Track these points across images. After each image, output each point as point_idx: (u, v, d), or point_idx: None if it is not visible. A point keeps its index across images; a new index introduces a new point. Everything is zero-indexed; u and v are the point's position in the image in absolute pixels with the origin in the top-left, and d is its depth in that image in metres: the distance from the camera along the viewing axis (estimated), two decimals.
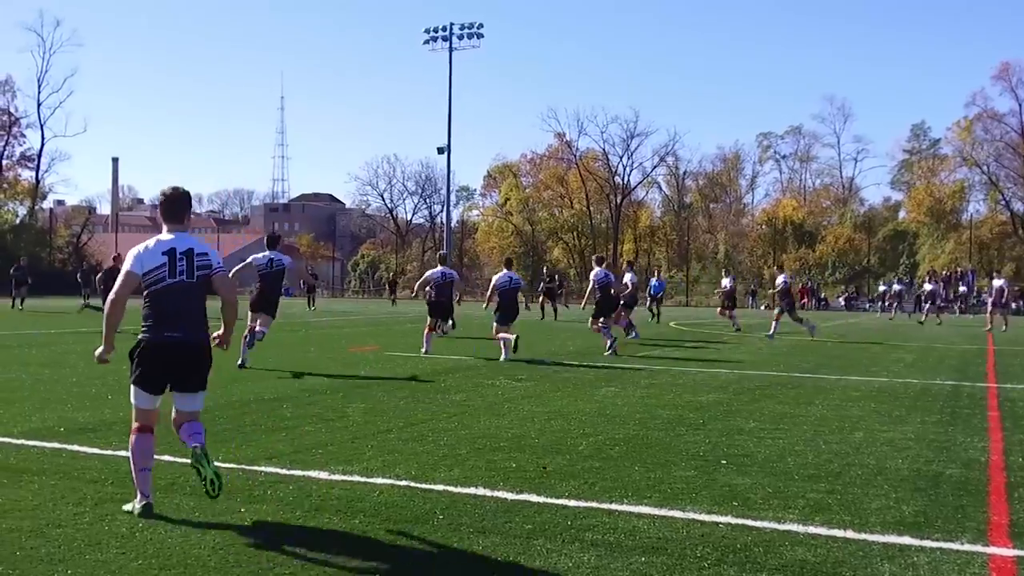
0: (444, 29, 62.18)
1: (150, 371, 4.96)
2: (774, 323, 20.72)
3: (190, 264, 5.01)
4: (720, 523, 4.66)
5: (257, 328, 12.04)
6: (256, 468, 5.85)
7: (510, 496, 5.17)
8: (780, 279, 21.68)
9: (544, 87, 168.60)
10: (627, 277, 20.54)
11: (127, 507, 4.87)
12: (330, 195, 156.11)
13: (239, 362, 11.54)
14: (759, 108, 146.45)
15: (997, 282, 26.49)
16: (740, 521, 4.69)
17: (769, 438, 7.18)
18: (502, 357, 13.67)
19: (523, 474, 5.76)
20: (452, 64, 62.39)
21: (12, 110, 65.03)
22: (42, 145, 64.77)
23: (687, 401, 9.38)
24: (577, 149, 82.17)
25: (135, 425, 5.04)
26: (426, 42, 63.14)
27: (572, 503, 5.02)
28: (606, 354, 14.86)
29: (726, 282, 26.15)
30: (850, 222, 76.52)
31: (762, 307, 52.03)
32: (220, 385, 9.94)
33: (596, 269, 16.70)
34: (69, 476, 5.58)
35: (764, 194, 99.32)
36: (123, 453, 6.08)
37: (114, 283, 5.12)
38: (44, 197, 66.29)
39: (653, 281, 30.62)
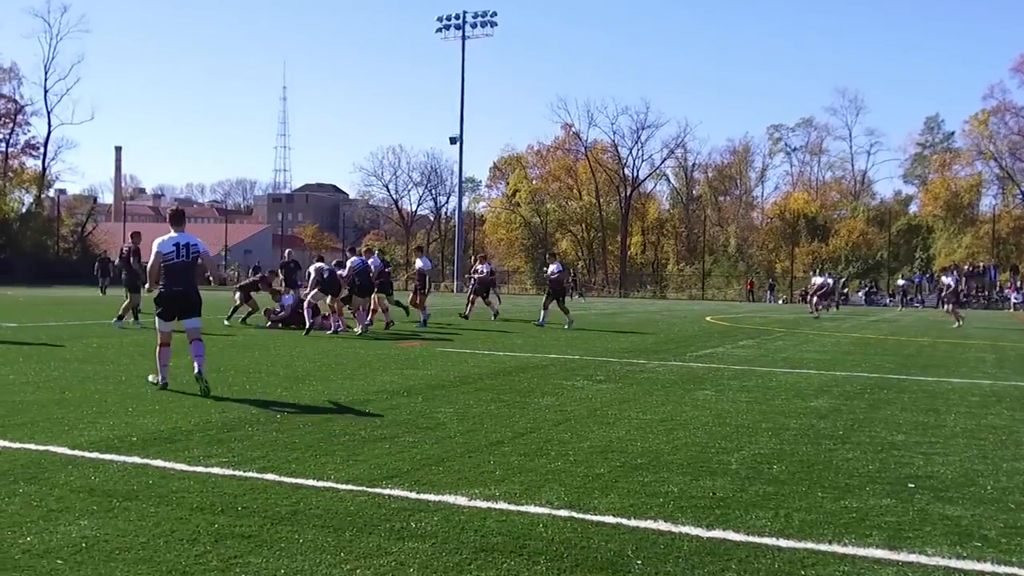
0: (457, 17, 61.23)
1: (167, 308, 8.87)
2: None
3: (188, 251, 8.86)
4: (998, 573, 3.85)
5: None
6: (380, 491, 5.03)
7: (700, 532, 4.36)
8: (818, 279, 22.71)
9: (554, 78, 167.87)
10: (552, 267, 21.14)
11: (151, 378, 9.12)
12: (333, 185, 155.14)
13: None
14: (770, 100, 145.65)
15: (946, 279, 25.90)
16: (1015, 571, 3.88)
17: (935, 455, 6.37)
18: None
19: (692, 501, 4.95)
20: (465, 52, 61.48)
21: (17, 98, 64.10)
22: (48, 133, 63.93)
23: (801, 407, 8.57)
24: (587, 140, 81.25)
25: (159, 341, 8.91)
26: (438, 30, 62.29)
27: (784, 543, 4.21)
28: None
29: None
30: (863, 216, 75.66)
31: (780, 301, 51.21)
32: (283, 386, 9.14)
33: (554, 264, 20.45)
34: (168, 502, 4.76)
35: (774, 187, 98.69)
36: (217, 471, 5.34)
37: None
38: (50, 186, 65.33)
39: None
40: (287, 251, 22.27)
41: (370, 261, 19.97)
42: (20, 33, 75.28)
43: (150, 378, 9.11)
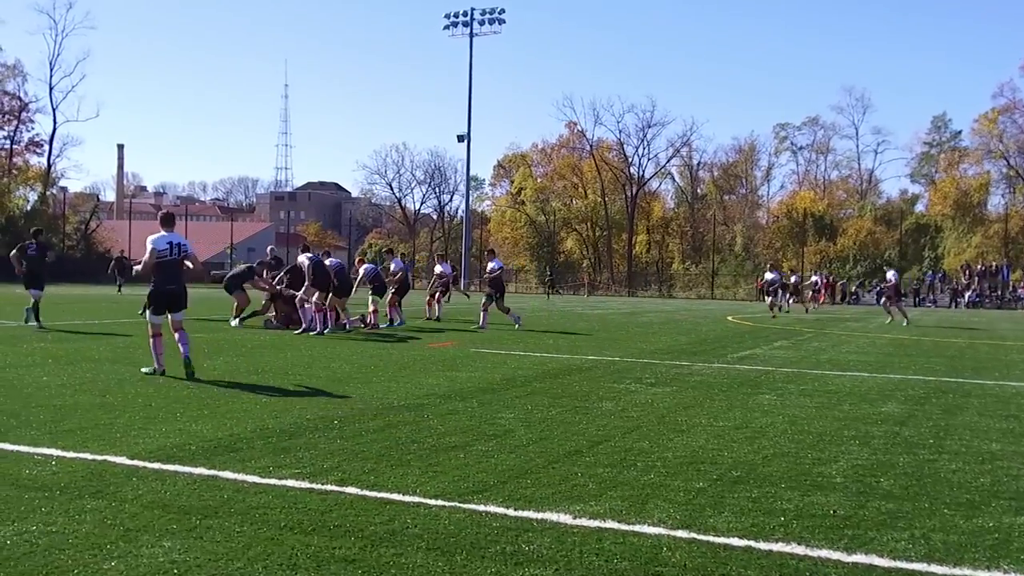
0: (465, 14, 60.84)
1: (160, 304, 9.62)
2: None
3: (179, 250, 9.63)
4: None
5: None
6: (474, 507, 4.68)
7: (841, 557, 4.01)
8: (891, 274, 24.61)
9: (558, 77, 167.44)
10: (491, 264, 20.40)
11: (145, 369, 9.73)
12: (336, 183, 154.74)
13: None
14: (776, 99, 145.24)
15: (889, 274, 25.51)
16: None
17: None
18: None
19: (814, 520, 4.59)
20: (472, 50, 61.10)
21: (21, 95, 63.68)
22: (54, 130, 63.54)
23: (873, 413, 8.22)
24: (593, 138, 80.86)
25: (151, 332, 9.62)
26: (446, 27, 61.95)
27: (938, 570, 3.86)
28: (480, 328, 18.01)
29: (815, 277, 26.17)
30: (870, 215, 75.29)
31: (790, 301, 50.82)
32: (329, 389, 8.78)
33: (494, 261, 19.63)
34: (252, 519, 4.40)
35: (780, 186, 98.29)
36: (292, 483, 5.02)
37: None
38: (55, 183, 64.93)
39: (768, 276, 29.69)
40: (269, 248, 21.30)
41: (392, 263, 19.69)
42: (25, 29, 75.21)
43: (144, 370, 9.73)
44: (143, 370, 9.76)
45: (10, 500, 4.65)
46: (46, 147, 64.84)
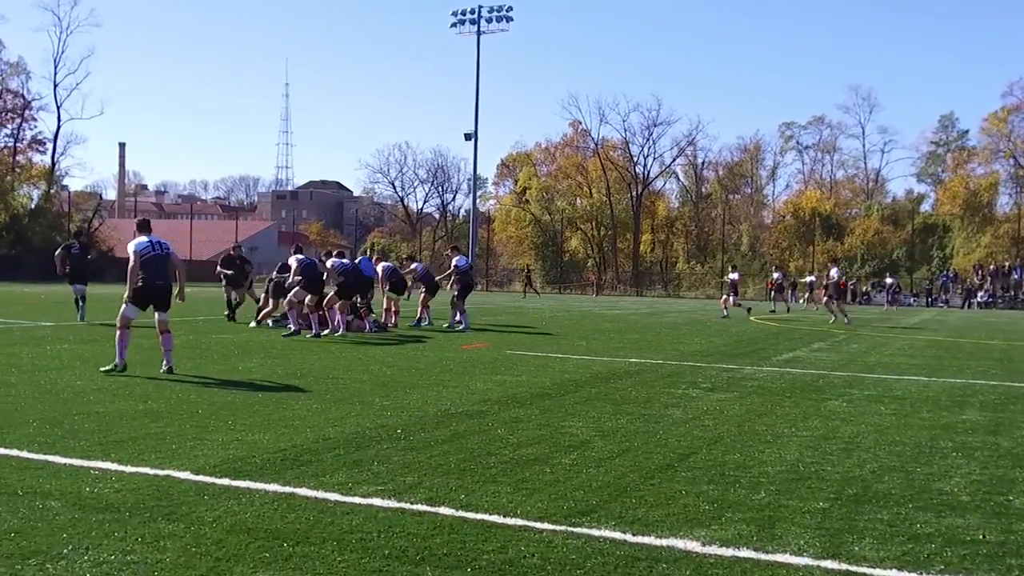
0: (472, 12, 60.38)
1: (145, 299, 9.53)
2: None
3: (162, 247, 9.61)
4: None
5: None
6: (588, 531, 4.26)
7: None
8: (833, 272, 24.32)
9: (563, 76, 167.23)
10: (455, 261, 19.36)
11: (104, 368, 9.43)
12: (337, 182, 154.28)
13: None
14: (781, 98, 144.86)
15: (833, 271, 25.38)
16: None
17: None
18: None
19: (970, 547, 4.17)
20: (480, 48, 60.66)
21: (24, 93, 63.19)
22: (58, 127, 63.05)
23: (957, 422, 7.80)
24: (600, 137, 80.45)
25: (121, 324, 9.46)
26: (453, 25, 61.47)
27: None
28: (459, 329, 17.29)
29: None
30: (877, 214, 74.89)
31: (801, 301, 50.43)
32: (378, 394, 8.34)
33: (459, 257, 18.56)
34: (351, 546, 3.97)
35: (785, 185, 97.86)
36: (379, 502, 4.60)
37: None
38: (60, 181, 64.47)
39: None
40: (234, 245, 20.69)
41: (415, 265, 19.16)
42: (29, 27, 74.42)
43: (102, 369, 9.48)
44: (102, 368, 9.49)
45: (78, 524, 4.21)
46: (49, 145, 64.41)
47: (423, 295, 18.64)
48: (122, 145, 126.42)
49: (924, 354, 14.89)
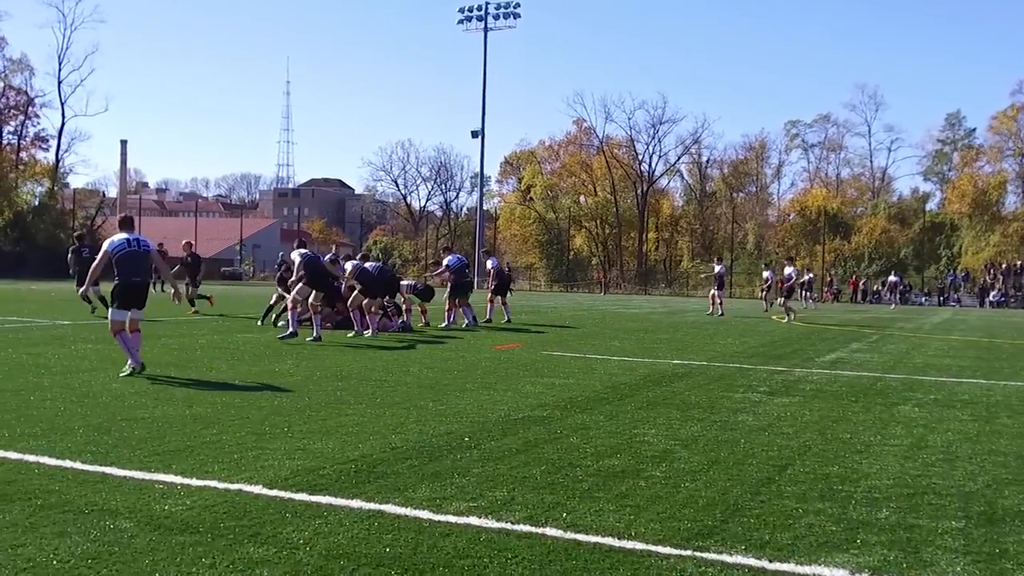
0: (480, 8, 59.96)
1: (127, 298, 9.14)
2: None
3: (139, 244, 9.25)
4: None
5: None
6: (723, 559, 3.88)
7: None
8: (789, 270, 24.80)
9: (567, 74, 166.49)
10: (489, 263, 20.42)
11: (123, 373, 9.01)
12: (339, 180, 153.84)
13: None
14: (787, 96, 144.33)
15: (788, 269, 25.14)
16: None
17: None
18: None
19: None
20: (487, 45, 60.24)
21: (28, 89, 62.71)
22: (62, 124, 62.62)
23: None
24: (605, 135, 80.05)
25: (114, 329, 9.17)
26: (460, 22, 61.09)
27: None
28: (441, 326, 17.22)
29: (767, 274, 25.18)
30: (884, 213, 74.50)
31: (812, 300, 50.05)
32: (429, 398, 7.95)
33: (450, 256, 18.54)
34: (464, 574, 3.58)
35: (790, 183, 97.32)
36: (477, 521, 4.27)
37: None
38: (64, 178, 64.00)
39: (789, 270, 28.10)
40: (185, 242, 21.11)
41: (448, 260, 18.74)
42: (34, 23, 73.88)
43: (123, 373, 9.03)
44: (122, 373, 9.03)
45: (158, 548, 3.83)
46: (52, 142, 63.96)
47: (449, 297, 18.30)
48: (123, 142, 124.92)
49: (966, 355, 14.50)
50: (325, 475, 5.15)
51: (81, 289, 9.65)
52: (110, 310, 9.28)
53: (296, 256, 14.02)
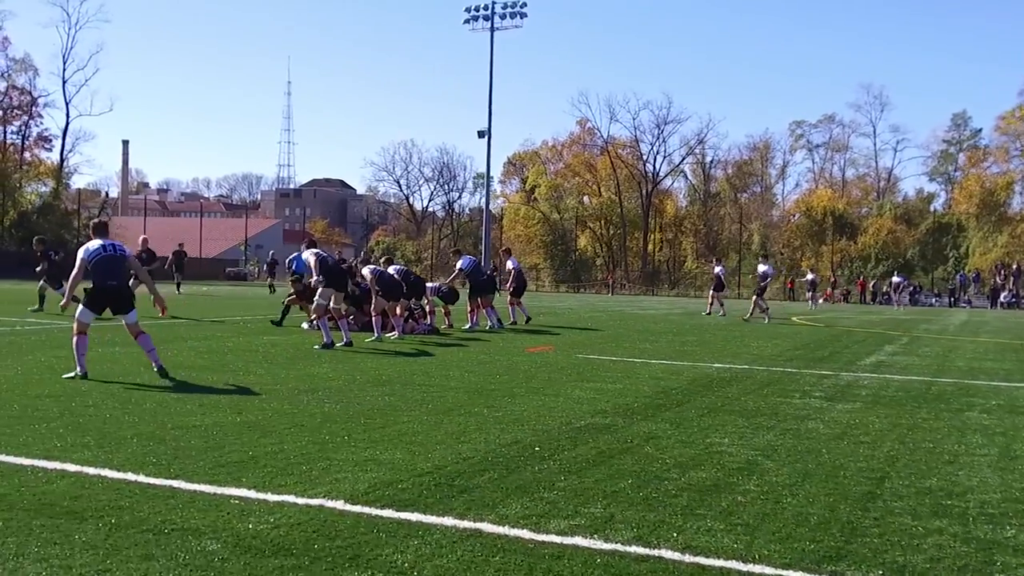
0: (486, 8, 59.62)
1: (99, 302, 8.92)
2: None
3: (115, 248, 9.02)
4: None
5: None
6: None
7: None
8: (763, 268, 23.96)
9: (571, 74, 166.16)
10: (510, 263, 19.86)
11: (68, 375, 8.71)
12: (341, 181, 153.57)
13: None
14: (791, 96, 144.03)
15: (762, 267, 24.56)
16: None
17: None
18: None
19: None
20: (493, 44, 59.87)
21: (31, 89, 62.32)
22: (67, 124, 62.24)
23: None
24: (609, 136, 79.79)
25: (78, 329, 8.79)
26: (466, 21, 60.63)
27: None
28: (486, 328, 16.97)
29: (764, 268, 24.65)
30: (890, 213, 74.25)
31: (820, 301, 49.81)
32: (482, 404, 7.68)
33: (462, 259, 18.02)
34: None
35: (795, 184, 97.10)
36: (583, 542, 4.06)
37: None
38: (69, 178, 63.67)
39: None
40: (143, 238, 21.67)
41: (460, 263, 18.43)
42: (38, 22, 73.44)
43: (66, 375, 8.75)
44: (65, 376, 8.73)
45: (256, 573, 3.53)
46: (55, 142, 63.62)
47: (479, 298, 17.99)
48: (125, 143, 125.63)
49: (1006, 358, 14.22)
50: (405, 489, 4.86)
51: (62, 302, 9.12)
52: (79, 309, 8.91)
53: (311, 256, 13.39)
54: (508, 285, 19.62)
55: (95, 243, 9.05)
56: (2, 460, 5.30)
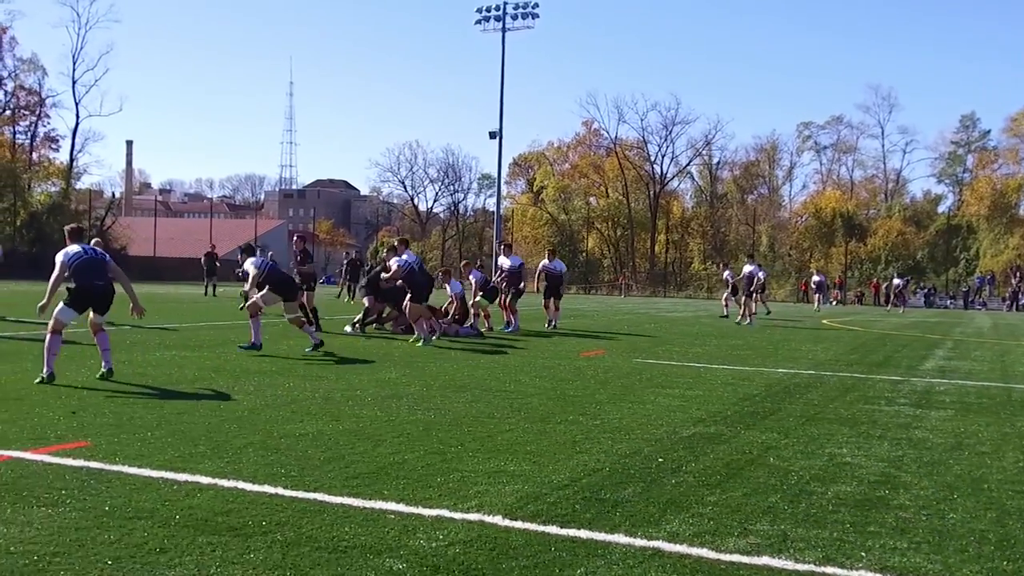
0: (497, 8, 59.47)
1: (83, 301, 8.73)
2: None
3: (95, 251, 9.00)
4: None
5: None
6: None
7: None
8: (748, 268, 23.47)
9: (576, 75, 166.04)
10: (506, 260, 18.65)
11: (38, 379, 8.38)
12: (345, 181, 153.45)
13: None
14: (798, 98, 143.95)
15: (748, 267, 23.69)
16: None
17: None
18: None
19: None
20: (505, 45, 59.71)
21: (38, 89, 62.13)
22: (76, 124, 62.13)
23: None
24: (616, 137, 79.66)
25: (54, 328, 8.53)
26: (478, 22, 60.48)
27: None
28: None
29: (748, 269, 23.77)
30: (899, 215, 74.15)
31: (833, 303, 49.61)
32: (575, 411, 7.51)
33: (511, 258, 17.95)
34: None
35: (802, 186, 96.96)
36: (773, 561, 3.80)
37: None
38: (79, 178, 63.50)
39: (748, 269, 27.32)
40: (212, 244, 20.79)
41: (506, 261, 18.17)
42: (48, 22, 73.22)
43: (36, 380, 8.35)
44: (36, 380, 8.35)
45: None
46: (62, 143, 63.47)
47: (509, 299, 17.74)
48: (129, 143, 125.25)
49: None
50: (555, 503, 4.71)
51: (41, 303, 8.71)
52: (59, 307, 8.59)
53: (250, 267, 12.27)
54: (500, 282, 17.93)
55: (74, 247, 8.84)
56: (125, 471, 5.14)
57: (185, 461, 5.40)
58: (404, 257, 14.41)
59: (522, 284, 18.17)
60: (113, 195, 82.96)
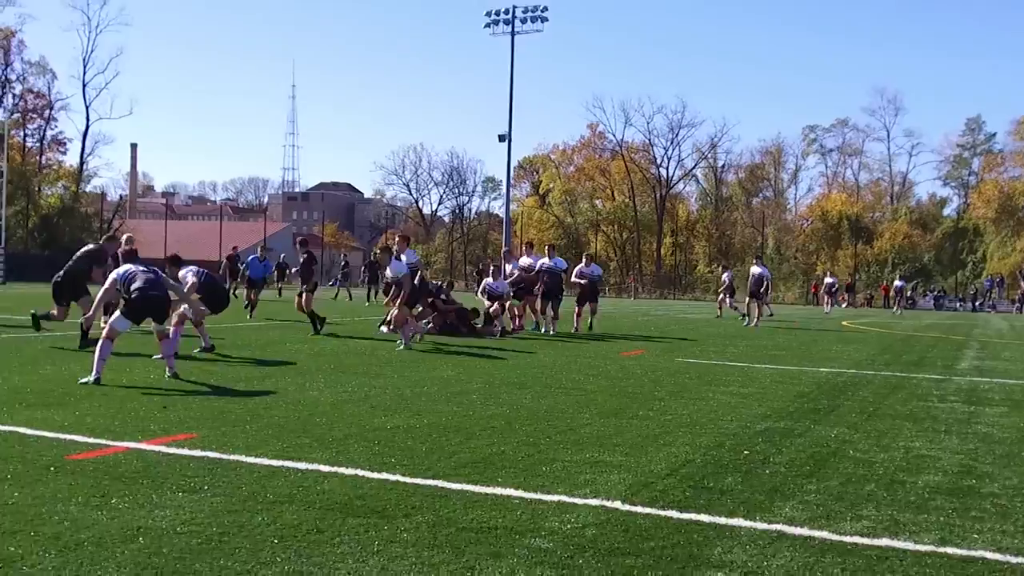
0: (507, 12, 59.70)
1: (141, 312, 8.76)
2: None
3: (151, 270, 9.04)
4: None
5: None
6: None
7: None
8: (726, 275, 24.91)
9: (580, 78, 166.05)
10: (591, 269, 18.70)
11: (83, 380, 8.28)
12: (348, 184, 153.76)
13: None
14: (804, 101, 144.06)
15: (756, 269, 23.41)
16: None
17: None
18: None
19: None
20: (514, 48, 59.91)
21: (47, 92, 62.32)
22: (87, 127, 62.23)
23: None
24: (623, 139, 79.90)
25: (108, 335, 8.50)
26: (487, 25, 60.65)
27: None
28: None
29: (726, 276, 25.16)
30: (905, 218, 74.40)
31: (843, 304, 49.80)
32: (640, 406, 7.70)
33: (554, 259, 17.52)
34: None
35: (807, 188, 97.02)
36: (896, 543, 3.91)
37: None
38: (89, 181, 63.70)
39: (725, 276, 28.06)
40: (233, 246, 21.08)
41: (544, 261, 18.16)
42: (59, 25, 73.41)
43: (81, 380, 8.30)
44: (81, 380, 8.27)
45: (613, 569, 3.59)
46: (70, 145, 63.69)
47: (538, 299, 17.83)
48: (134, 146, 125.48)
49: None
50: (666, 491, 4.93)
51: (87, 315, 8.90)
52: (115, 316, 8.79)
53: (189, 275, 11.82)
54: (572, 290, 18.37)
55: (128, 266, 9.06)
56: (244, 460, 5.34)
57: (297, 451, 5.61)
58: (404, 259, 14.33)
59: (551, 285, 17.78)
60: (121, 197, 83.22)
